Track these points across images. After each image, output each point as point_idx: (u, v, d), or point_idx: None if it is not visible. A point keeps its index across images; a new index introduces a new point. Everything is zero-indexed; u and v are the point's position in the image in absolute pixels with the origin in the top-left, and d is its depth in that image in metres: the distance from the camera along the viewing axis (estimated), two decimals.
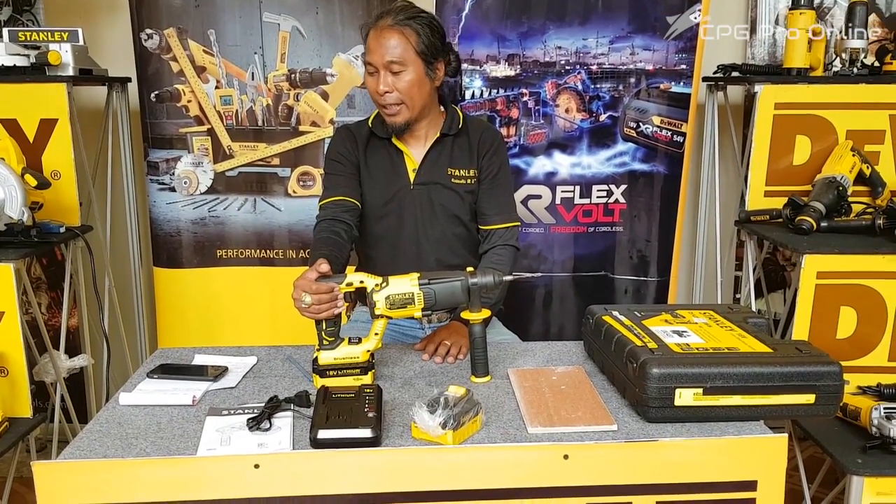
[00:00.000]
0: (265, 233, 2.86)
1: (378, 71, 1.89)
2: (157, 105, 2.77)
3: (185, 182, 2.82)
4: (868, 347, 2.25)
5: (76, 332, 2.93)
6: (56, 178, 2.50)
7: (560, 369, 1.70)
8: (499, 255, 2.01)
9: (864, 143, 2.51)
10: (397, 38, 1.87)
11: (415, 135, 2.02)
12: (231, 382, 1.66)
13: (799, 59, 2.51)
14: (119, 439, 1.40)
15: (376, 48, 1.88)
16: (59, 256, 2.98)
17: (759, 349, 1.50)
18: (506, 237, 2.04)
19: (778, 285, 3.21)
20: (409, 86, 1.89)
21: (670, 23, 2.69)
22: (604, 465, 1.34)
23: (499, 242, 2.03)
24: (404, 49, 1.87)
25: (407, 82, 1.89)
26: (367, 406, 1.42)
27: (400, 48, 1.87)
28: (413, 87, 1.90)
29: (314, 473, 1.31)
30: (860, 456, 1.93)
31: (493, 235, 2.04)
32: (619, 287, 2.94)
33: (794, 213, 2.36)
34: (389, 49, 1.87)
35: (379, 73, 1.89)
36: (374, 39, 1.89)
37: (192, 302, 2.90)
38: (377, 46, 1.88)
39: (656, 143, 2.81)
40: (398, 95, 1.90)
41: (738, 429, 1.42)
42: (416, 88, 1.91)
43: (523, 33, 2.74)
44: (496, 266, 1.95)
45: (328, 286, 1.59)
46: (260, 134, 2.80)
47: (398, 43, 1.87)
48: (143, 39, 2.72)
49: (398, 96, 1.90)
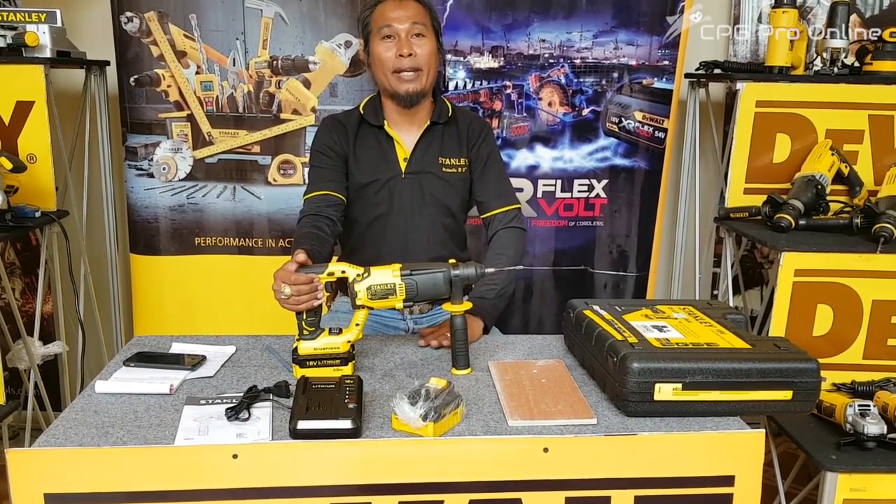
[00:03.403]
0: (244, 221, 2.83)
1: (397, 36, 1.93)
2: (136, 89, 2.73)
3: (164, 168, 2.79)
4: (843, 345, 2.28)
5: (51, 319, 2.89)
6: (32, 161, 2.45)
7: (540, 363, 1.70)
8: (503, 240, 2.02)
9: (843, 143, 2.53)
10: (418, 6, 1.96)
11: (410, 119, 2.02)
12: (209, 371, 1.64)
13: (781, 57, 2.52)
14: (95, 427, 1.38)
15: (399, 13, 1.93)
16: (33, 241, 2.93)
17: (738, 345, 1.51)
18: (506, 220, 2.04)
19: (755, 282, 3.24)
20: (428, 53, 1.95)
21: (670, 23, 2.69)
22: (583, 458, 1.35)
23: (501, 226, 2.04)
24: (425, 18, 1.96)
25: (427, 50, 1.95)
26: (348, 397, 1.41)
27: (422, 15, 1.95)
28: (431, 55, 1.96)
29: (293, 464, 1.31)
30: (834, 452, 1.96)
31: (495, 220, 2.05)
32: (598, 281, 2.95)
33: (772, 210, 2.37)
34: (414, 13, 1.93)
35: (399, 38, 1.93)
36: (393, 7, 1.94)
37: (170, 289, 2.87)
38: (400, 11, 1.93)
39: (638, 138, 2.82)
40: (419, 60, 1.93)
41: (716, 424, 1.42)
42: (433, 58, 1.97)
43: (507, 25, 2.74)
44: (500, 252, 1.99)
45: (308, 277, 1.58)
46: (240, 121, 2.77)
47: (420, 10, 1.96)
48: (122, 22, 2.68)
49: (418, 61, 1.93)
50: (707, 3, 2.91)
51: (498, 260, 1.96)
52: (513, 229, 2.04)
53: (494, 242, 2.03)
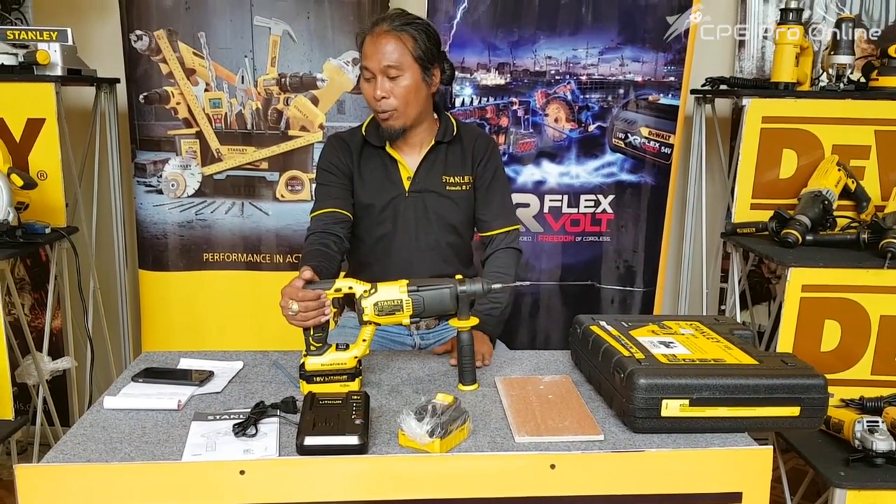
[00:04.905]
0: (252, 237, 2.85)
1: (375, 76, 1.89)
2: (145, 107, 2.76)
3: (173, 184, 2.81)
4: (851, 361, 2.27)
5: (60, 334, 2.91)
6: (42, 178, 2.48)
7: (547, 378, 1.70)
8: (501, 260, 2.03)
9: (849, 158, 2.53)
10: (394, 42, 1.87)
11: (409, 142, 2.01)
12: (217, 387, 1.65)
13: (786, 73, 2.53)
14: (103, 443, 1.39)
15: (373, 53, 1.88)
16: (43, 257, 2.95)
17: (746, 361, 1.51)
18: (507, 241, 2.06)
19: (762, 298, 3.23)
20: (405, 91, 1.89)
21: (670, 23, 2.70)
22: (590, 475, 1.35)
23: (502, 246, 2.05)
24: (401, 54, 1.88)
25: (404, 87, 1.89)
26: (355, 413, 1.42)
27: (397, 53, 1.87)
28: (410, 92, 1.90)
29: (300, 480, 1.31)
30: (843, 469, 1.95)
31: (496, 240, 2.06)
32: (605, 297, 2.95)
33: (779, 226, 2.38)
34: (387, 54, 1.87)
35: (376, 79, 1.89)
36: (370, 45, 1.89)
37: (178, 305, 2.88)
38: (374, 51, 1.88)
39: (644, 154, 2.82)
40: (395, 101, 1.89)
41: (723, 440, 1.42)
42: (412, 94, 1.91)
43: (514, 42, 2.75)
44: (500, 270, 1.99)
45: (315, 293, 1.59)
46: (249, 137, 2.79)
47: (395, 48, 1.87)
48: (132, 40, 2.71)
49: (395, 102, 1.89)
50: (712, 17, 2.94)
51: (501, 279, 1.94)
52: (512, 250, 2.06)
53: (494, 261, 2.04)
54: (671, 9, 2.71)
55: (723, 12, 3.04)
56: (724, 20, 3.04)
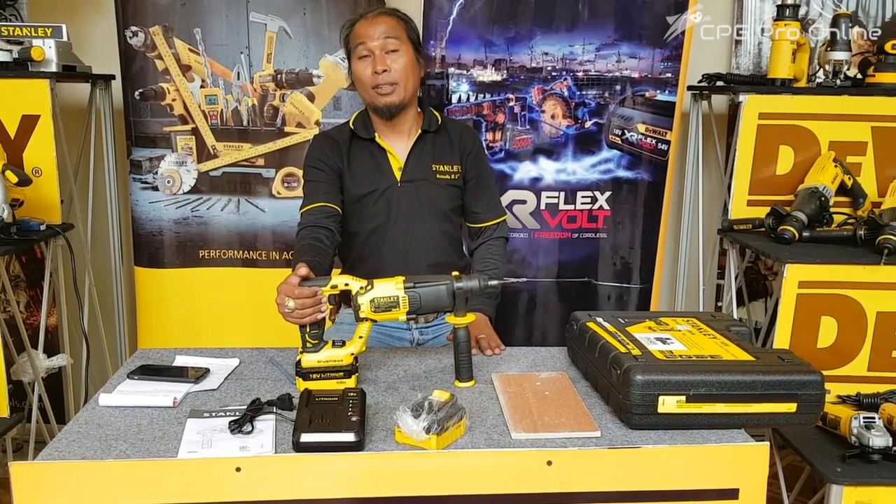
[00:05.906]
0: (248, 234, 2.84)
1: (372, 54, 1.95)
2: (140, 103, 2.75)
3: (168, 181, 2.80)
4: (848, 357, 2.27)
5: (55, 332, 2.90)
6: (37, 175, 2.47)
7: (544, 375, 1.70)
8: (492, 249, 2.12)
9: (846, 155, 2.53)
10: (392, 21, 1.98)
11: (397, 130, 2.04)
12: (213, 384, 1.64)
13: (783, 69, 2.53)
14: (98, 440, 1.38)
15: (372, 31, 1.96)
16: (38, 254, 2.94)
17: (742, 357, 1.51)
18: (497, 231, 2.14)
19: (759, 294, 3.23)
20: (404, 66, 1.97)
21: (670, 23, 2.70)
22: (587, 471, 1.35)
23: (491, 236, 2.13)
24: (399, 31, 1.97)
25: (402, 63, 1.97)
26: (351, 410, 1.41)
27: (395, 30, 1.97)
28: (407, 68, 1.98)
29: (296, 477, 1.31)
30: (839, 465, 1.95)
31: (486, 231, 2.14)
32: (602, 293, 2.95)
33: (776, 222, 2.38)
34: (387, 29, 1.96)
35: (373, 56, 1.95)
36: (366, 25, 1.97)
37: (174, 302, 2.87)
38: (373, 30, 1.96)
39: (641, 150, 2.82)
40: (394, 75, 1.95)
41: (720, 437, 1.42)
42: (409, 70, 1.98)
43: (510, 39, 2.75)
44: (492, 258, 2.08)
45: (311, 290, 1.59)
46: (245, 134, 2.78)
47: (394, 25, 1.98)
48: (127, 37, 2.70)
49: (394, 75, 1.95)
50: (709, 13, 2.93)
51: (493, 270, 2.05)
52: (501, 239, 2.15)
53: (484, 251, 2.12)
54: (667, 5, 2.71)
55: (719, 10, 3.04)
56: (720, 18, 3.03)
